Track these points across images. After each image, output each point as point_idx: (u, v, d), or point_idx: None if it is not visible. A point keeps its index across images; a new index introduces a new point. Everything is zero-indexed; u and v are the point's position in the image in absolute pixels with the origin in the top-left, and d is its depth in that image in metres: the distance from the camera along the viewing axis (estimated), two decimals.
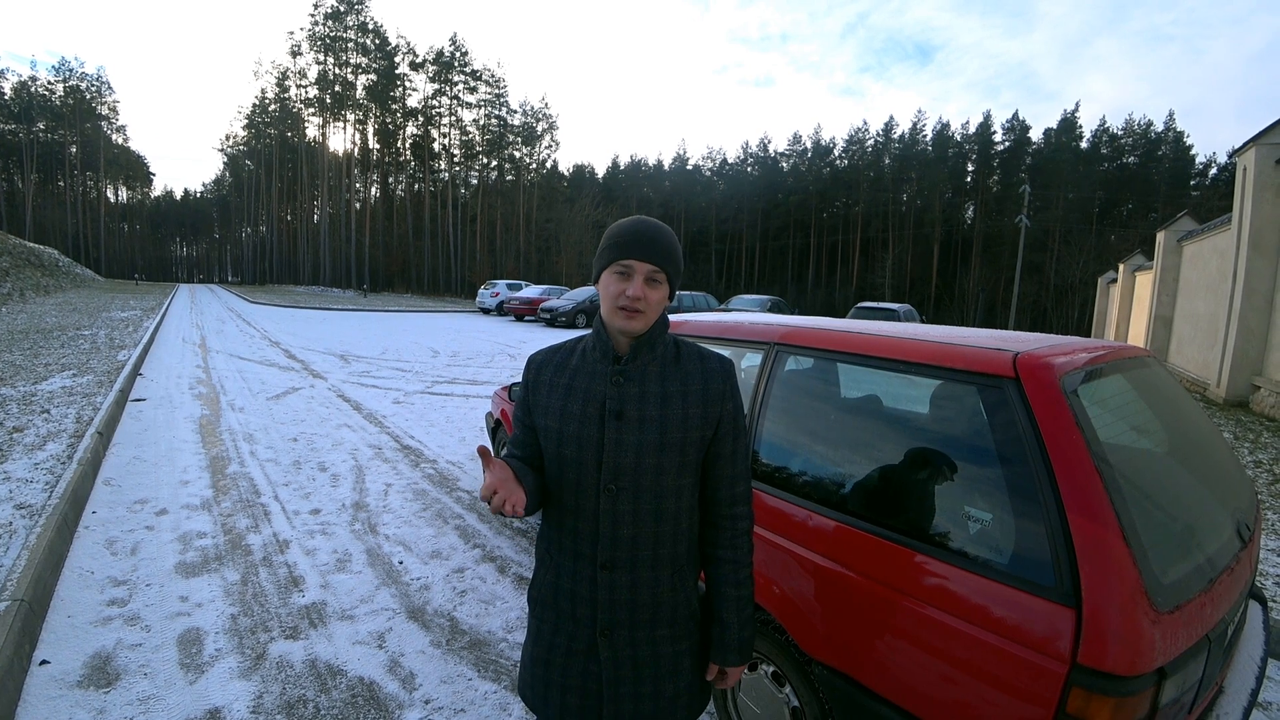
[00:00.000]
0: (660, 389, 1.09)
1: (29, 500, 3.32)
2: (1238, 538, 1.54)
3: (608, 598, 1.08)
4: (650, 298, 1.06)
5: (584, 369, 1.12)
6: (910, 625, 1.35)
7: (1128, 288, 18.70)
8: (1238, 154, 9.39)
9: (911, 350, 1.60)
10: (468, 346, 13.09)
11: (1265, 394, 8.31)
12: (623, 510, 1.07)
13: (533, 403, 1.16)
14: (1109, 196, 50.28)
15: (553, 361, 1.17)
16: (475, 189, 55.31)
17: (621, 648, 1.09)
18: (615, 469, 1.06)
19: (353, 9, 50.83)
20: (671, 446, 1.07)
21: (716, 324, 2.29)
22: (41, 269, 23.15)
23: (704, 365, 1.13)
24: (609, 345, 1.11)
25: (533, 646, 1.17)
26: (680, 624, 1.13)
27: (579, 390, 1.10)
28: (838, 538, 1.57)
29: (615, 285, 1.06)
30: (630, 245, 1.05)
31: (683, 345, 1.16)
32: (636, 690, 1.10)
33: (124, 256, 63.86)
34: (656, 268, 1.05)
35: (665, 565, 1.10)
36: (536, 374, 1.18)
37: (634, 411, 1.07)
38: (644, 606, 1.09)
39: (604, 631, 1.09)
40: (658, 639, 1.11)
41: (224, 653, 2.32)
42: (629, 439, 1.06)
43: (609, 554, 1.07)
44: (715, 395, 1.11)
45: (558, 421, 1.10)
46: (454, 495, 4.15)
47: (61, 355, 8.24)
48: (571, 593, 1.10)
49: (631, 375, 1.09)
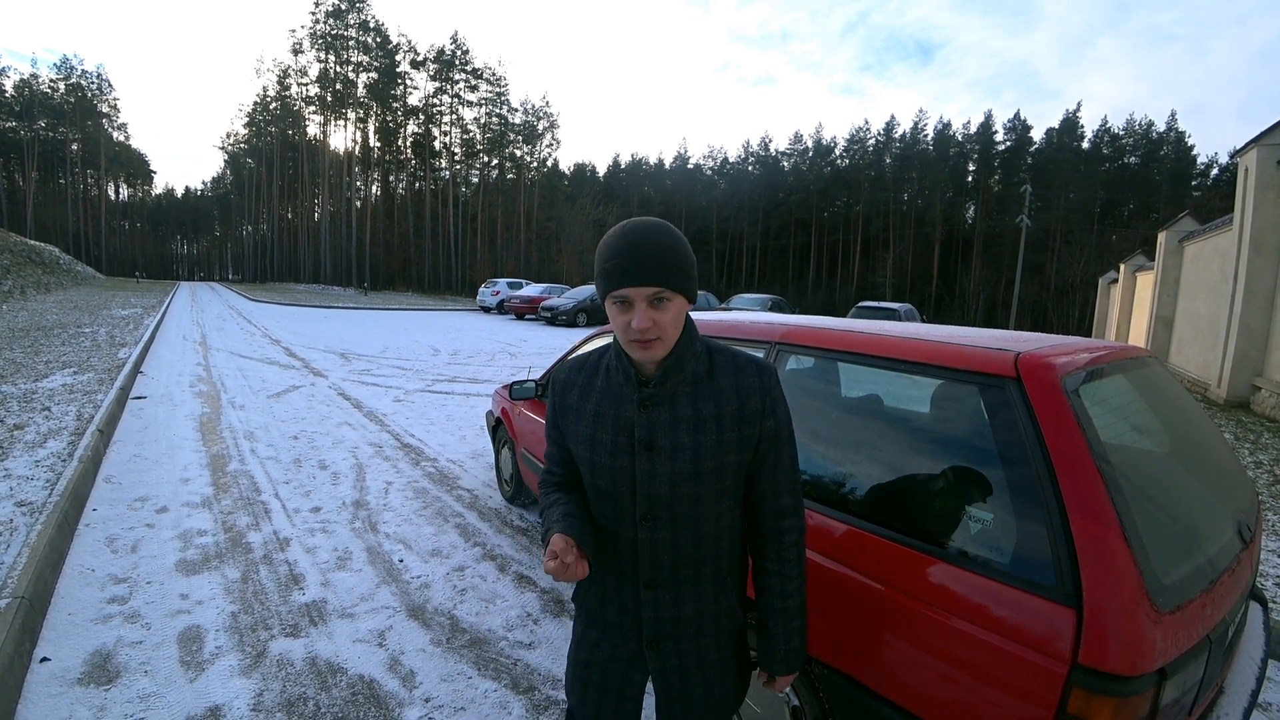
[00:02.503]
0: (692, 411, 1.01)
1: (30, 498, 3.33)
2: (1239, 538, 1.54)
3: (652, 614, 1.07)
4: (661, 320, 0.93)
5: (610, 393, 1.05)
6: (911, 625, 1.35)
7: (1129, 288, 18.68)
8: (1239, 155, 9.37)
9: (913, 350, 1.60)
10: (468, 345, 13.09)
11: (1266, 395, 8.30)
12: (661, 539, 1.03)
13: (563, 426, 1.11)
14: (1110, 197, 50.26)
15: (577, 384, 1.10)
16: (476, 187, 55.33)
17: (668, 658, 1.08)
18: (650, 500, 1.01)
19: (354, 7, 50.84)
20: (707, 475, 1.00)
21: (718, 323, 2.29)
22: (42, 266, 23.16)
23: (739, 381, 1.02)
24: (632, 366, 1.02)
25: (577, 649, 1.17)
26: (724, 633, 1.11)
27: (607, 418, 1.04)
28: (838, 537, 1.57)
29: (619, 318, 0.95)
30: (618, 272, 0.92)
31: (716, 355, 1.06)
32: (687, 695, 1.10)
33: (125, 254, 63.80)
34: (657, 289, 0.92)
35: (708, 581, 1.08)
36: (563, 397, 1.11)
37: (665, 441, 1.00)
38: (688, 621, 1.07)
39: (650, 644, 1.08)
40: (704, 648, 1.09)
41: (224, 650, 2.32)
42: (661, 469, 1.00)
43: (650, 575, 1.06)
44: (752, 415, 1.02)
45: (588, 451, 1.05)
46: (454, 493, 4.15)
47: (62, 353, 8.24)
48: (619, 606, 1.09)
49: (660, 400, 1.01)
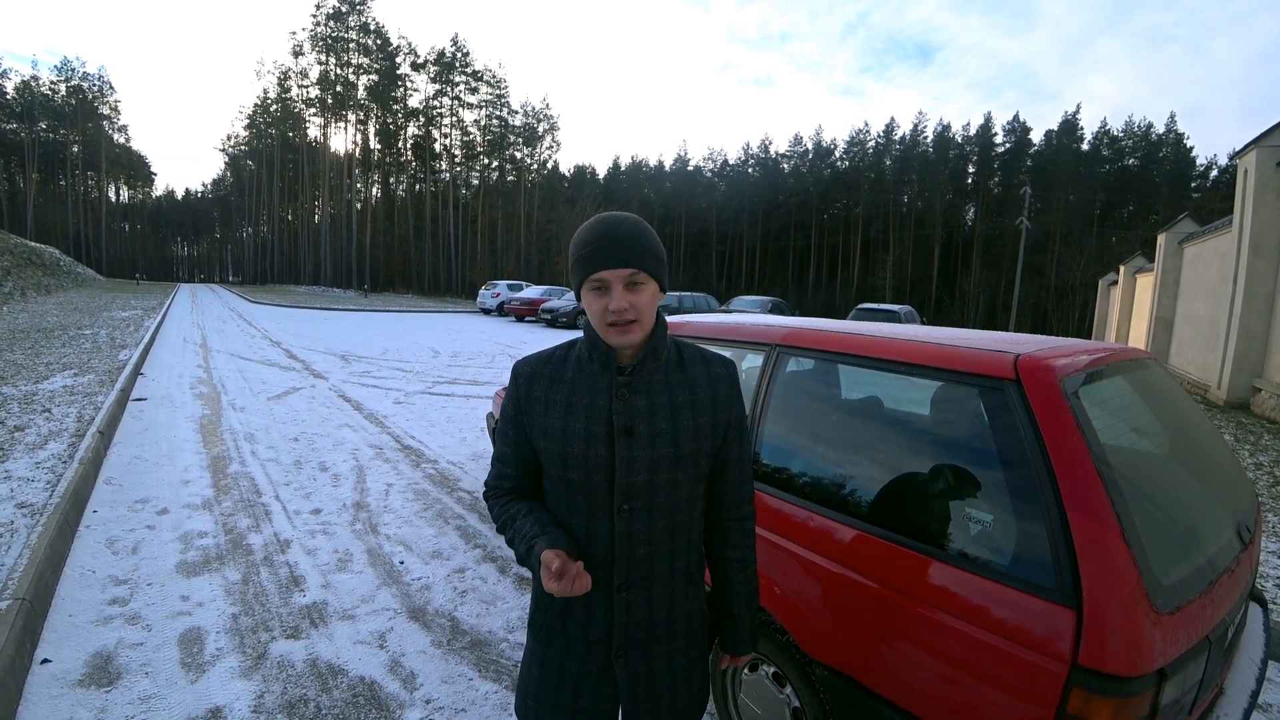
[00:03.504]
0: (668, 399, 1.02)
1: (30, 499, 3.33)
2: (1238, 539, 1.54)
3: (624, 619, 1.03)
4: (638, 303, 0.96)
5: (582, 382, 1.03)
6: (911, 626, 1.36)
7: (1128, 290, 18.69)
8: (1239, 156, 9.39)
9: (912, 352, 1.60)
10: (468, 347, 13.10)
11: (1266, 396, 8.31)
12: (638, 530, 1.01)
13: (528, 423, 1.05)
14: (1110, 198, 50.30)
15: (544, 375, 1.06)
16: (476, 189, 55.33)
17: (637, 665, 1.05)
18: (628, 489, 1.00)
19: (354, 9, 50.92)
20: (685, 460, 1.02)
21: (717, 325, 2.29)
22: (43, 268, 23.17)
23: (709, 370, 1.07)
24: (609, 354, 1.02)
25: (539, 673, 1.09)
26: (693, 633, 1.11)
27: (580, 407, 1.01)
28: (839, 539, 1.57)
29: (596, 302, 0.98)
30: (595, 256, 0.95)
31: (684, 348, 1.10)
32: (655, 703, 1.07)
33: (125, 256, 63.80)
34: (632, 270, 0.95)
35: (680, 577, 1.07)
36: (528, 390, 1.06)
37: (644, 426, 1.00)
38: (660, 622, 1.06)
39: (619, 653, 1.04)
40: (673, 651, 1.08)
41: (225, 652, 2.32)
42: (641, 456, 0.99)
43: (625, 575, 1.02)
44: (724, 402, 1.06)
45: (559, 444, 1.01)
46: (455, 495, 4.15)
47: (63, 354, 8.24)
48: (585, 617, 1.04)
49: (637, 386, 1.01)
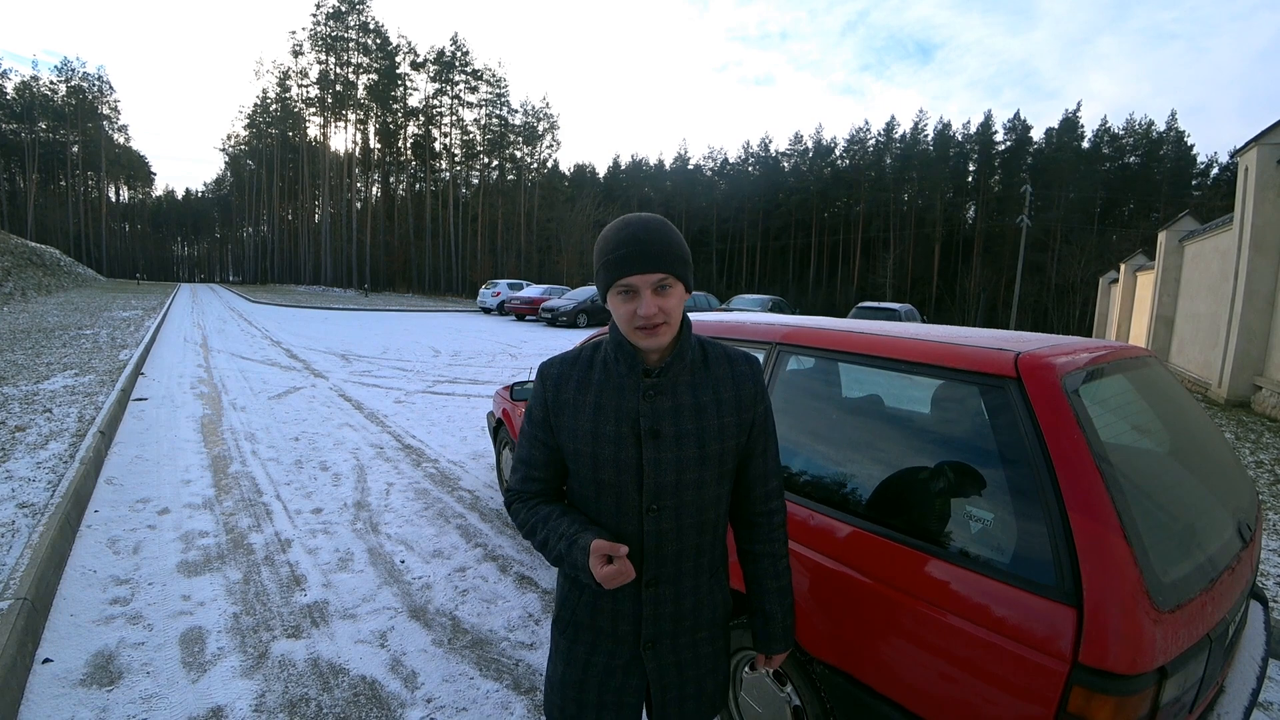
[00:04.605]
0: (693, 399, 1.04)
1: (31, 499, 3.33)
2: (1239, 537, 1.54)
3: (652, 612, 1.06)
4: (666, 306, 0.97)
5: (610, 384, 1.05)
6: (912, 624, 1.36)
7: (1129, 288, 18.68)
8: (1239, 154, 9.38)
9: (913, 350, 1.60)
10: (469, 346, 13.09)
11: (1266, 394, 8.30)
12: (666, 529, 1.04)
13: (557, 425, 1.07)
14: (1110, 196, 50.26)
15: (572, 377, 1.08)
16: (476, 189, 55.29)
17: (665, 656, 1.09)
18: (657, 490, 1.02)
19: (354, 9, 50.86)
20: (711, 459, 1.04)
21: (718, 324, 2.29)
22: (43, 268, 23.18)
23: (733, 369, 1.09)
24: (635, 356, 1.03)
25: (564, 669, 1.11)
26: (718, 624, 1.14)
27: (609, 409, 1.03)
28: (840, 537, 1.57)
29: (624, 307, 0.98)
30: (624, 261, 0.95)
31: (708, 346, 1.11)
32: (681, 693, 1.11)
33: (125, 256, 63.85)
34: (661, 275, 0.96)
35: (705, 571, 1.10)
36: (557, 392, 1.08)
37: (670, 428, 1.02)
38: (686, 614, 1.09)
39: (648, 644, 1.07)
40: (699, 641, 1.11)
41: (226, 651, 2.33)
42: (668, 457, 1.01)
43: (654, 571, 1.05)
44: (748, 400, 1.08)
45: (590, 445, 1.03)
46: (455, 495, 4.16)
47: (63, 355, 8.25)
48: (614, 612, 1.07)
49: (663, 388, 1.03)
